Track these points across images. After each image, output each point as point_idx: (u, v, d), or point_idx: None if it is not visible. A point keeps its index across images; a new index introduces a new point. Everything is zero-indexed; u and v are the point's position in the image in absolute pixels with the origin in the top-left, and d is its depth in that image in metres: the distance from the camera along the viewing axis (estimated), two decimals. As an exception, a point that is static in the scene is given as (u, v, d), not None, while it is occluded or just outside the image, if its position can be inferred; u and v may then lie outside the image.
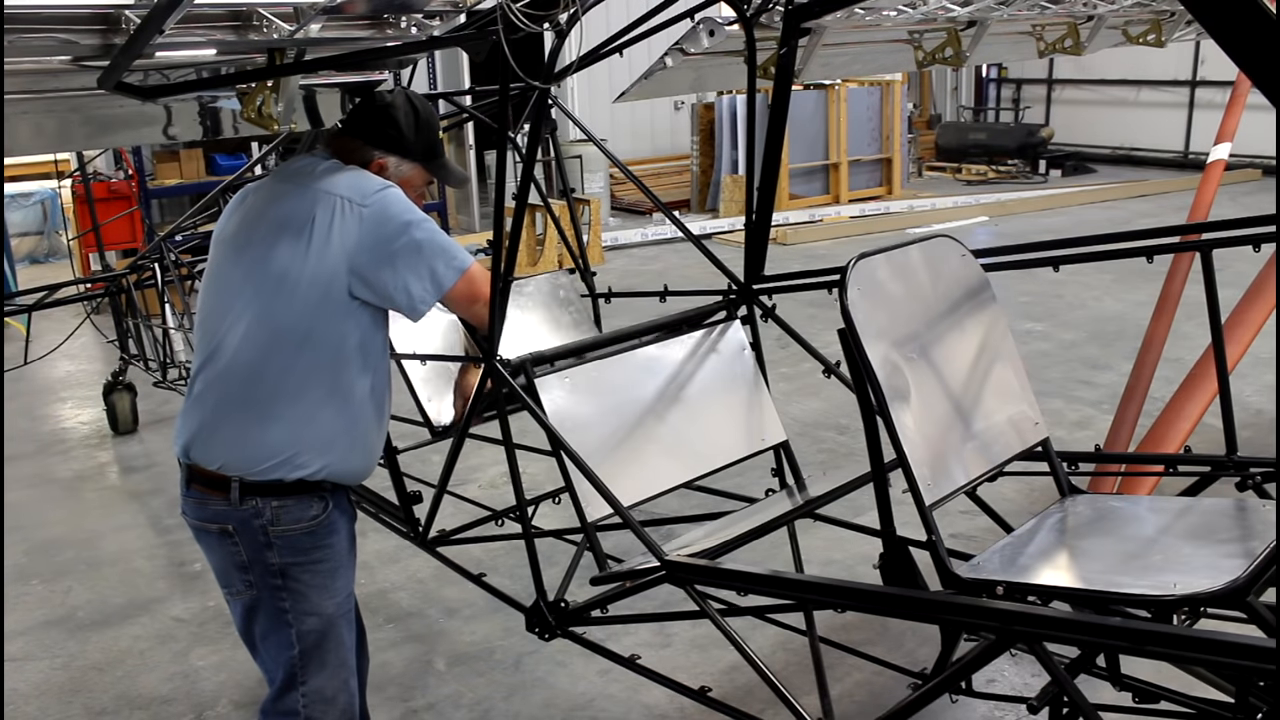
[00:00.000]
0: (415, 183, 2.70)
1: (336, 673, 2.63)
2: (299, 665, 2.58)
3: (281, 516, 2.50)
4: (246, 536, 2.52)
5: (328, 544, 2.58)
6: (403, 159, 2.65)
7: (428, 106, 2.71)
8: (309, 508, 2.53)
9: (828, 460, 5.79)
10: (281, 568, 2.53)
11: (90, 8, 2.09)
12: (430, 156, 2.70)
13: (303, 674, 2.59)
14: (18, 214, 12.05)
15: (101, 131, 2.80)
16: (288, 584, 2.55)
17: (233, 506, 2.50)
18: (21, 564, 4.97)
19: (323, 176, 2.51)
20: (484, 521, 3.64)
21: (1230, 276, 3.31)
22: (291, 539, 2.52)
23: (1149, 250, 2.95)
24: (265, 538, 2.51)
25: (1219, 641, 1.82)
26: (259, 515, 2.50)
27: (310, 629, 2.57)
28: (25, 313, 6.96)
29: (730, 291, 3.42)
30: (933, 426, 2.43)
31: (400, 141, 2.64)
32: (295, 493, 2.51)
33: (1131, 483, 3.94)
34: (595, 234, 11.16)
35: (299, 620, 2.56)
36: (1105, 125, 18.00)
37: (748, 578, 2.51)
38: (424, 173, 2.71)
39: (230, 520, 2.51)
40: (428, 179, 2.74)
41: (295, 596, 2.55)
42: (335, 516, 2.60)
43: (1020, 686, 3.62)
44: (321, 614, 2.58)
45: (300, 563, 2.54)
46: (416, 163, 2.68)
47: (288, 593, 2.55)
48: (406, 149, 2.65)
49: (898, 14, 3.73)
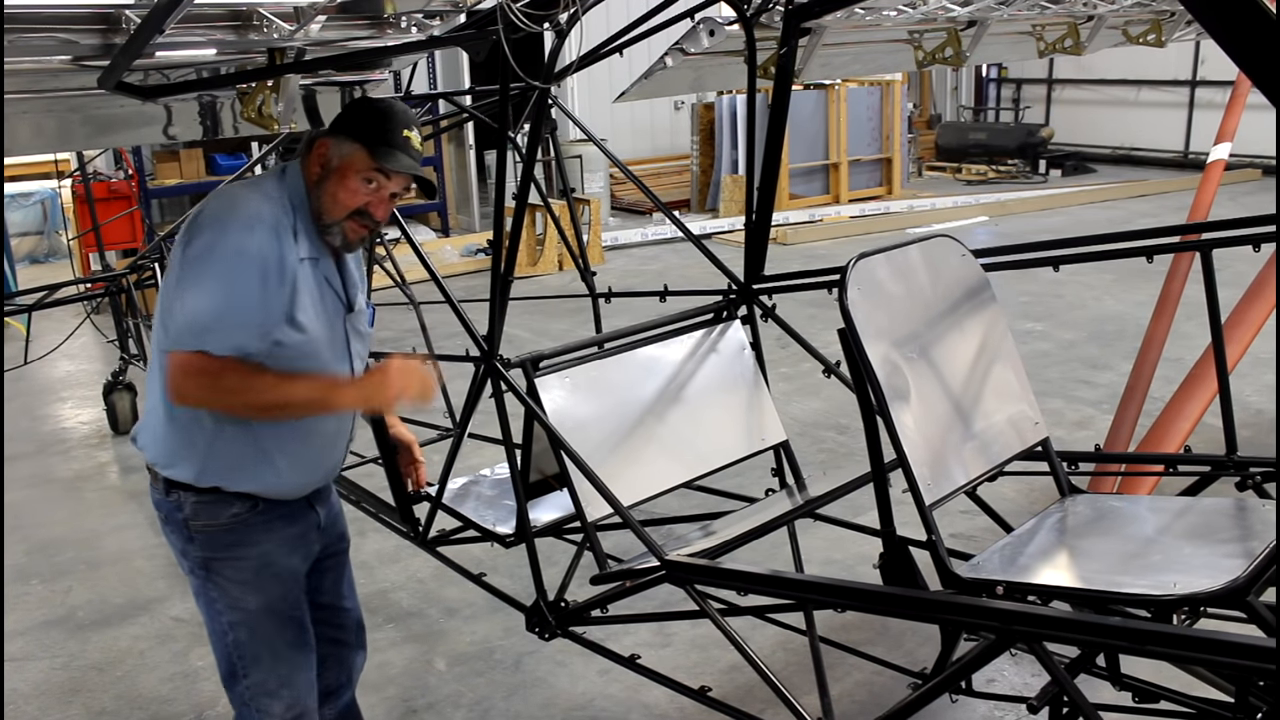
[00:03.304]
0: (357, 167, 2.46)
1: (275, 668, 2.61)
2: (235, 656, 2.60)
3: (200, 512, 2.50)
4: (171, 527, 2.56)
5: (252, 542, 2.55)
6: (345, 139, 2.46)
7: (399, 106, 2.54)
8: (229, 506, 2.51)
9: (828, 460, 5.79)
10: (204, 560, 2.54)
11: (90, 8, 2.09)
12: (376, 141, 2.45)
13: (241, 665, 2.60)
14: (18, 214, 12.05)
15: (101, 131, 2.80)
16: (211, 577, 2.55)
17: (162, 497, 2.54)
18: (21, 564, 4.97)
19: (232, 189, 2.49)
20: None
21: (1230, 276, 3.31)
22: (211, 534, 2.51)
23: (1149, 250, 2.95)
24: (187, 531, 2.53)
25: (1219, 641, 1.82)
26: (180, 509, 2.51)
27: (238, 622, 2.57)
28: (25, 313, 6.96)
29: (730, 291, 3.42)
30: (933, 426, 2.43)
31: (344, 121, 2.49)
32: (214, 491, 2.50)
33: (1131, 483, 3.94)
34: (595, 234, 11.15)
35: (227, 612, 2.57)
36: (1105, 125, 17.99)
37: (748, 578, 2.52)
38: (368, 157, 2.45)
39: (161, 510, 2.56)
40: (372, 165, 2.47)
41: (219, 589, 2.56)
42: (265, 519, 2.55)
43: (1020, 686, 3.62)
44: (246, 609, 2.56)
45: (221, 558, 2.53)
46: (359, 144, 2.45)
47: (212, 584, 2.56)
48: (349, 129, 2.46)
49: (898, 14, 3.73)
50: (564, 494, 2.89)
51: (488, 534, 3.16)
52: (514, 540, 3.03)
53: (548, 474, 3.06)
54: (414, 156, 2.49)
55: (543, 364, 2.94)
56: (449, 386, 4.31)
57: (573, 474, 2.75)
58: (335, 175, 2.47)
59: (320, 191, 2.48)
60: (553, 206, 6.85)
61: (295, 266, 2.41)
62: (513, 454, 2.95)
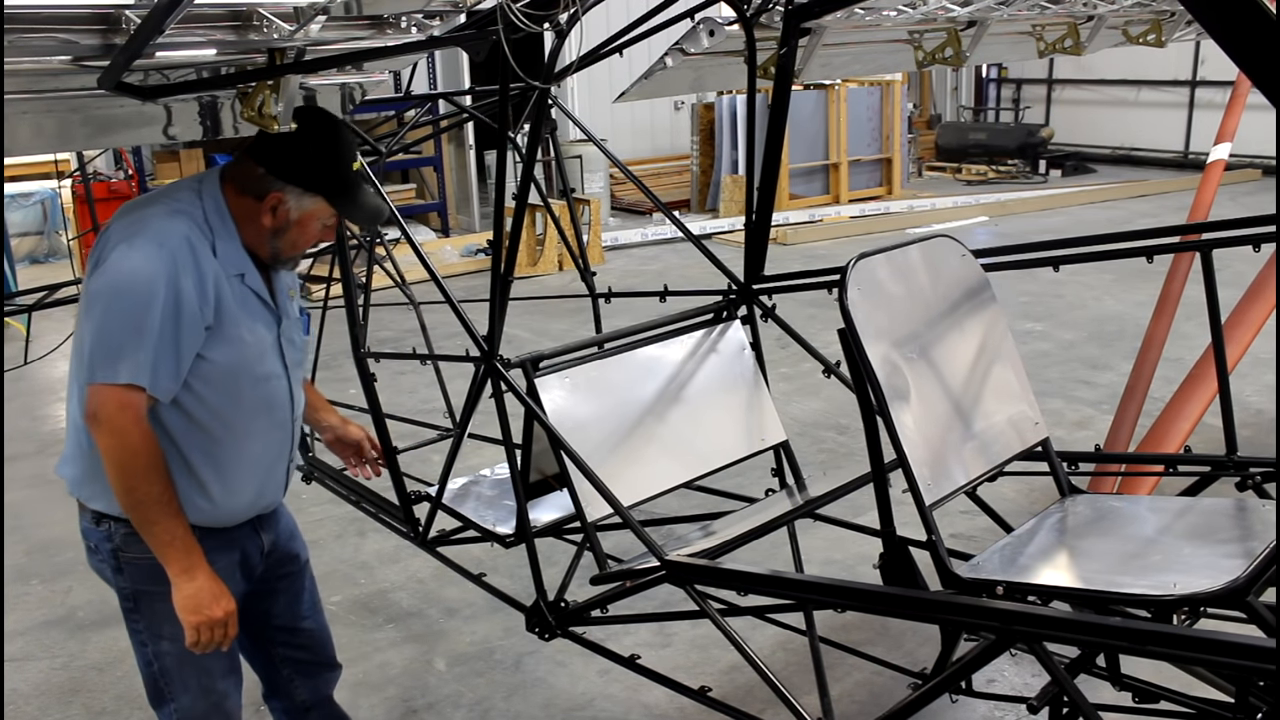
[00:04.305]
0: (320, 216, 2.43)
1: (203, 695, 2.55)
2: (162, 683, 2.54)
3: (131, 544, 2.40)
4: (100, 557, 2.49)
5: None
6: (305, 192, 2.38)
7: (346, 135, 2.48)
8: None
9: (828, 460, 5.79)
10: (133, 593, 2.48)
11: (90, 8, 2.09)
12: (337, 192, 2.41)
13: (168, 691, 2.54)
14: (18, 214, 12.03)
15: (101, 131, 2.79)
16: (139, 607, 2.48)
17: (91, 526, 2.47)
18: (21, 564, 4.97)
19: (150, 205, 2.38)
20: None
21: (1230, 276, 3.31)
22: (141, 566, 2.41)
23: (1149, 250, 2.95)
24: (116, 561, 2.45)
25: (1219, 641, 1.82)
26: (110, 539, 2.44)
27: (164, 652, 2.50)
28: (25, 313, 6.94)
29: (730, 291, 3.42)
30: (933, 426, 2.43)
31: (304, 172, 2.38)
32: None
33: (1131, 483, 3.94)
34: (595, 234, 11.16)
35: (153, 642, 2.50)
36: (1105, 125, 17.99)
37: (748, 578, 2.51)
38: (329, 208, 2.43)
39: (89, 539, 2.50)
40: (334, 213, 2.46)
41: (145, 621, 2.49)
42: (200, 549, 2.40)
43: (1020, 686, 3.62)
44: (174, 639, 2.44)
45: (151, 591, 2.42)
46: (320, 196, 2.40)
47: (139, 615, 2.49)
48: (310, 181, 2.38)
49: (898, 14, 3.72)
50: (564, 494, 2.89)
51: (488, 534, 3.16)
52: (514, 540, 3.03)
53: (548, 474, 3.06)
54: (366, 192, 2.47)
55: (543, 364, 2.94)
56: (449, 386, 4.32)
57: (573, 474, 2.74)
58: (296, 227, 2.43)
59: (279, 241, 2.43)
60: (553, 206, 6.85)
61: (217, 283, 2.33)
62: (513, 454, 2.95)
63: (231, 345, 2.37)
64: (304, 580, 2.86)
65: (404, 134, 4.60)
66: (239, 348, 2.39)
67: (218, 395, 2.38)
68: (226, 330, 2.36)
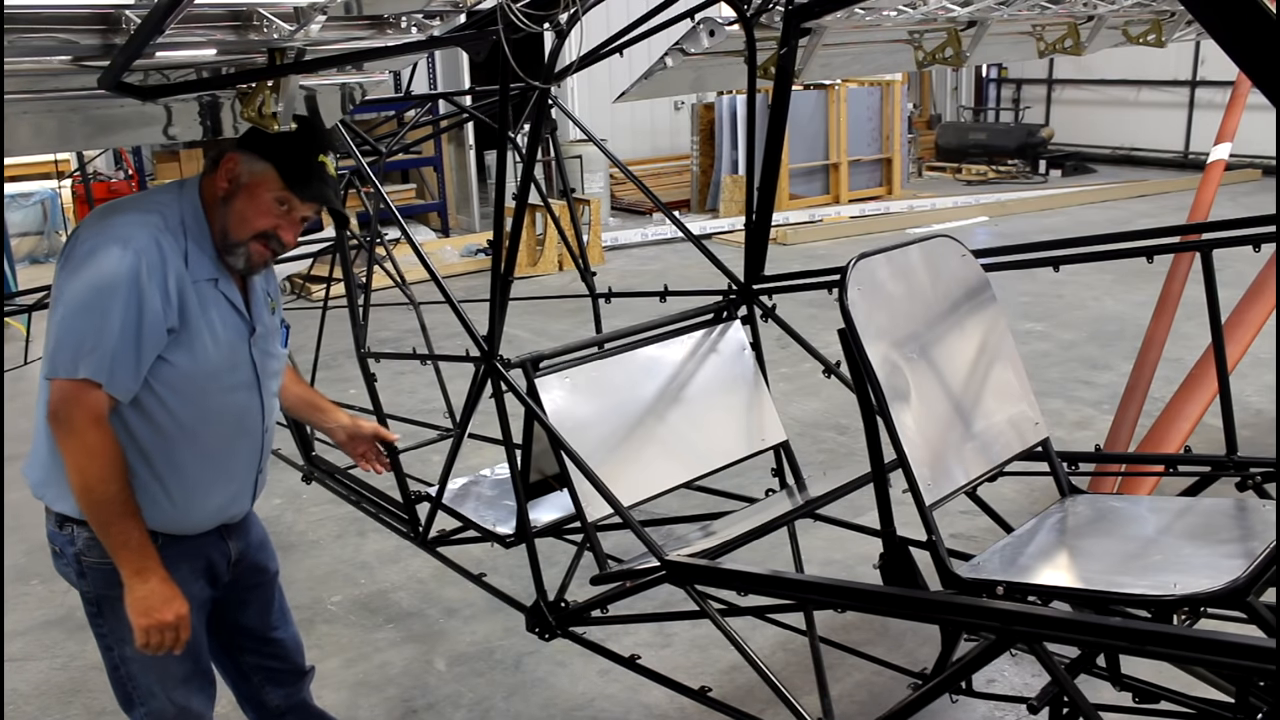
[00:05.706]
0: (268, 186, 2.39)
1: (170, 699, 2.54)
2: (130, 688, 2.54)
3: (94, 548, 2.39)
4: (64, 561, 2.48)
5: None
6: (257, 157, 2.38)
7: (322, 132, 2.50)
8: None
9: (828, 460, 5.79)
10: (96, 597, 2.47)
11: (90, 8, 2.09)
12: (289, 166, 2.39)
13: (137, 696, 2.54)
14: (18, 214, 12.03)
15: (101, 131, 2.78)
16: (103, 612, 2.48)
17: (55, 529, 2.47)
18: (21, 564, 4.96)
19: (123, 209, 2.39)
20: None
21: (1230, 276, 3.31)
22: (104, 571, 2.40)
23: (1149, 250, 2.95)
24: (79, 565, 2.45)
25: (1219, 641, 1.82)
26: (73, 543, 2.43)
27: (130, 657, 2.48)
28: (25, 313, 6.95)
29: (730, 291, 3.42)
30: (933, 426, 2.43)
31: (261, 141, 2.39)
32: None
33: (1131, 483, 3.94)
34: (595, 234, 11.16)
35: (119, 646, 2.49)
36: (1105, 125, 18.00)
37: (748, 578, 2.51)
38: (277, 178, 2.38)
39: (54, 543, 2.50)
40: (283, 186, 2.40)
41: (109, 626, 2.48)
42: (163, 556, 2.38)
43: (1020, 686, 3.62)
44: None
45: (114, 596, 2.39)
46: (270, 165, 2.38)
47: (103, 620, 2.49)
48: (265, 149, 2.38)
49: (898, 14, 3.72)
50: (564, 494, 2.89)
51: (488, 534, 3.16)
52: (514, 540, 3.03)
53: (548, 474, 3.06)
54: (329, 184, 2.43)
55: (543, 364, 2.94)
56: (449, 386, 4.32)
57: (573, 474, 2.75)
58: (244, 192, 2.39)
59: (227, 210, 2.39)
60: (553, 206, 6.85)
61: (185, 286, 2.32)
62: (513, 454, 2.95)
63: (196, 351, 2.36)
64: (274, 591, 2.86)
65: (404, 134, 4.61)
66: (204, 354, 2.37)
67: (181, 400, 2.37)
68: (192, 335, 2.35)
